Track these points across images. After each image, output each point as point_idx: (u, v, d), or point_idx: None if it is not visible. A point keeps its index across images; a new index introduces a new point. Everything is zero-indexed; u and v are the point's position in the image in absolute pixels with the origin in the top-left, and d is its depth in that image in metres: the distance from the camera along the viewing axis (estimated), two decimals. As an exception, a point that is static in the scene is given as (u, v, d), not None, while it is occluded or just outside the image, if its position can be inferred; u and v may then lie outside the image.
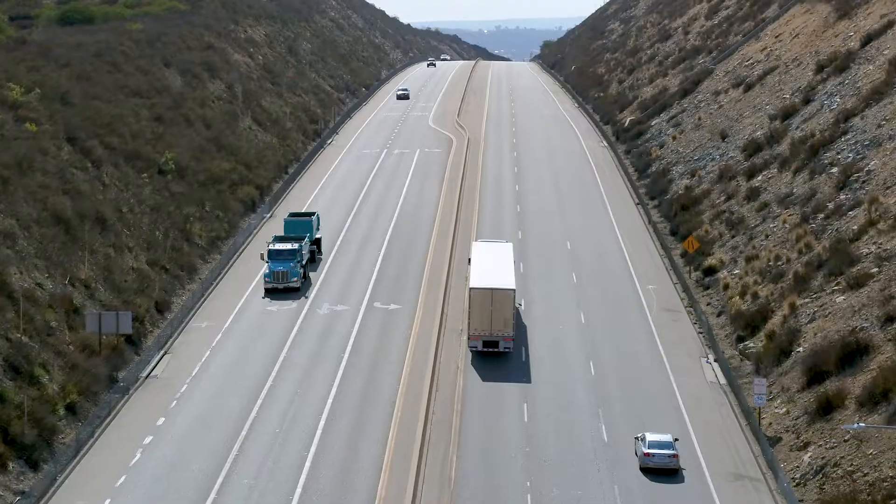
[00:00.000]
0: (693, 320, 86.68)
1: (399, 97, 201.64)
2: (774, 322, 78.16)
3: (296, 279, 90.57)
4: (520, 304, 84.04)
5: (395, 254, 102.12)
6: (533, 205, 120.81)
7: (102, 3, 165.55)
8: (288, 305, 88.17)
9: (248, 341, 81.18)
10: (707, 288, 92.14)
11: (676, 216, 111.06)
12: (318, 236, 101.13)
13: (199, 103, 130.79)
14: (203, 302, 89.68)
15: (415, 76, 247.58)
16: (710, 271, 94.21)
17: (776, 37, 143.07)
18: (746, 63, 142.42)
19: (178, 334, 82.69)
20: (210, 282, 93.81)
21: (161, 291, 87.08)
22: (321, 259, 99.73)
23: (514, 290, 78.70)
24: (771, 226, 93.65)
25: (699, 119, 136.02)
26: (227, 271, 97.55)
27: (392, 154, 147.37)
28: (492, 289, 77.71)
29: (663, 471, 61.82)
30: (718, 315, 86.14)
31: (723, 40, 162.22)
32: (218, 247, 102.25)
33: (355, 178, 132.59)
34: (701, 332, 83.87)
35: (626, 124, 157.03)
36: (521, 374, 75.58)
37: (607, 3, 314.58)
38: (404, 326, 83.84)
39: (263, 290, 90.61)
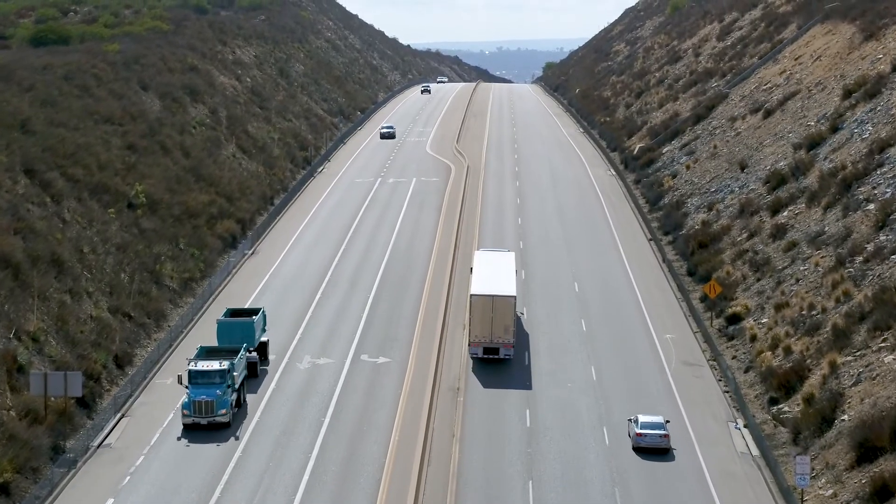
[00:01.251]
0: (717, 376, 77.37)
1: (383, 136, 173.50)
2: (812, 383, 68.92)
3: (224, 411, 66.21)
4: (521, 313, 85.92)
5: (386, 295, 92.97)
6: (537, 239, 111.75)
7: (81, 23, 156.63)
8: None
9: (217, 401, 71.61)
10: (732, 338, 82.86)
11: (693, 254, 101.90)
12: (263, 339, 77.17)
13: (179, 130, 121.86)
14: (171, 353, 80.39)
15: (413, 99, 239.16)
16: (735, 319, 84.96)
17: (796, 59, 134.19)
18: (764, 87, 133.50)
19: (139, 393, 73.41)
20: (180, 329, 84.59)
21: (122, 343, 77.88)
22: (266, 370, 76.07)
23: (514, 297, 78.78)
24: (801, 269, 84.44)
25: (715, 147, 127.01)
26: (200, 317, 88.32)
27: (386, 183, 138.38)
28: (493, 296, 77.55)
29: (655, 450, 64.92)
30: (746, 371, 76.89)
31: (737, 63, 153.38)
32: (191, 289, 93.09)
33: (346, 209, 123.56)
34: (727, 392, 74.57)
35: (636, 152, 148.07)
36: (524, 442, 66.25)
37: (612, 24, 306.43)
38: (394, 384, 74.56)
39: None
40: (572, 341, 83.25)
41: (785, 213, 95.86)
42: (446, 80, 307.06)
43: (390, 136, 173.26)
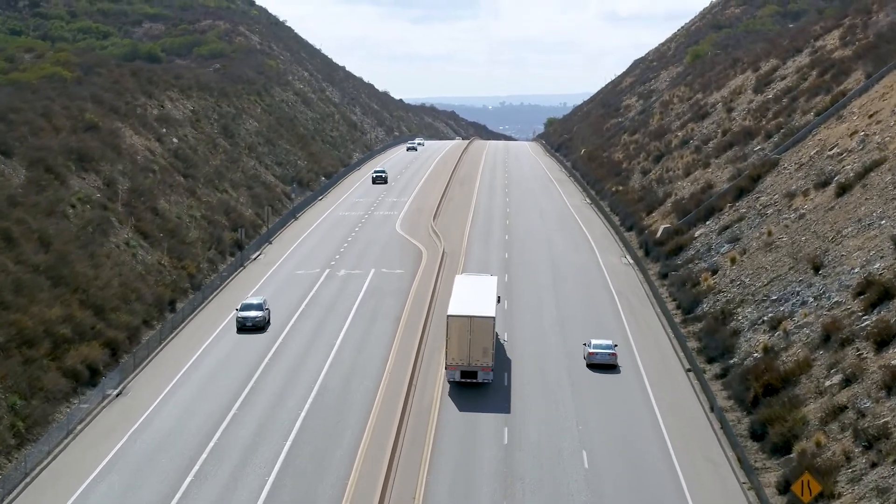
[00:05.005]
0: None
1: (240, 327, 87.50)
2: None
3: None
4: (504, 341, 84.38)
5: (291, 483, 60.16)
6: (528, 372, 79.18)
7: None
8: None
9: None
10: (844, 579, 50.21)
11: (757, 403, 69.33)
12: None
13: (45, 211, 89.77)
14: None
15: (393, 160, 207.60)
16: (845, 539, 52.38)
17: (870, 116, 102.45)
18: (830, 152, 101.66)
19: None
20: (-54, 552, 52.15)
21: None
22: None
23: (493, 318, 76.02)
24: (952, 456, 51.88)
25: (769, 234, 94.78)
26: (-8, 522, 55.86)
27: (335, 277, 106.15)
28: (470, 316, 74.95)
29: (604, 365, 79.01)
30: None
31: (785, 120, 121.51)
32: (-7, 469, 60.55)
33: (271, 319, 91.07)
34: None
35: (659, 234, 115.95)
36: None
37: (620, 76, 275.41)
38: None
39: None
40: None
41: (900, 349, 63.46)
42: (417, 142, 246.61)
43: (257, 326, 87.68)
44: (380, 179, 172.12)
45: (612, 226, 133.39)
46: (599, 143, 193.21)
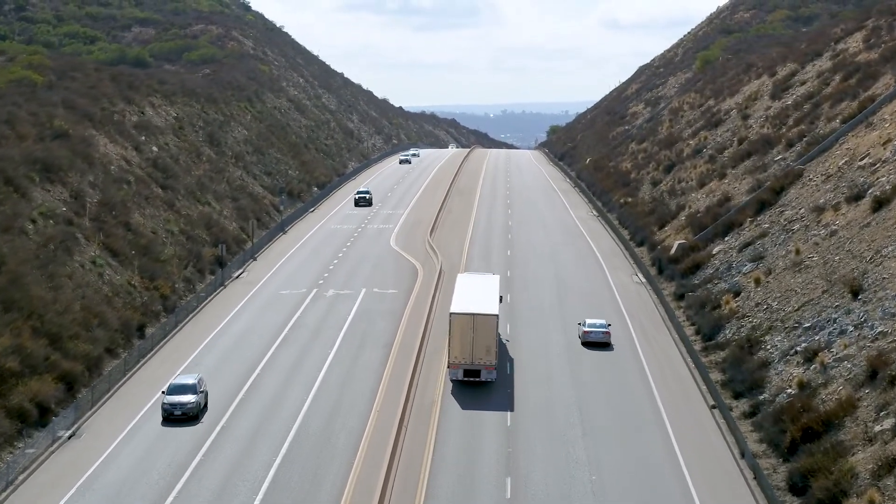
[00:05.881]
0: None
1: (165, 417, 67.45)
2: None
3: None
4: (507, 340, 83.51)
5: (263, 543, 51.92)
6: (533, 408, 70.78)
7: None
8: None
9: None
10: None
11: (795, 450, 60.86)
12: None
13: (1, 227, 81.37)
14: None
15: (388, 171, 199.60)
16: None
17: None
18: (860, 162, 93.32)
19: None
20: None
21: None
22: None
23: (497, 316, 75.07)
24: None
25: (797, 252, 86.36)
26: None
27: (322, 297, 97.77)
28: (473, 314, 73.95)
29: (598, 343, 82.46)
30: None
31: (808, 128, 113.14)
32: (-87, 532, 52.12)
33: (249, 347, 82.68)
34: None
35: (674, 250, 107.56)
36: None
37: (626, 83, 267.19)
38: None
39: None
40: None
41: (962, 391, 55.02)
42: (412, 153, 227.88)
43: (189, 415, 67.30)
44: (363, 202, 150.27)
45: (621, 240, 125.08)
46: (605, 152, 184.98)
